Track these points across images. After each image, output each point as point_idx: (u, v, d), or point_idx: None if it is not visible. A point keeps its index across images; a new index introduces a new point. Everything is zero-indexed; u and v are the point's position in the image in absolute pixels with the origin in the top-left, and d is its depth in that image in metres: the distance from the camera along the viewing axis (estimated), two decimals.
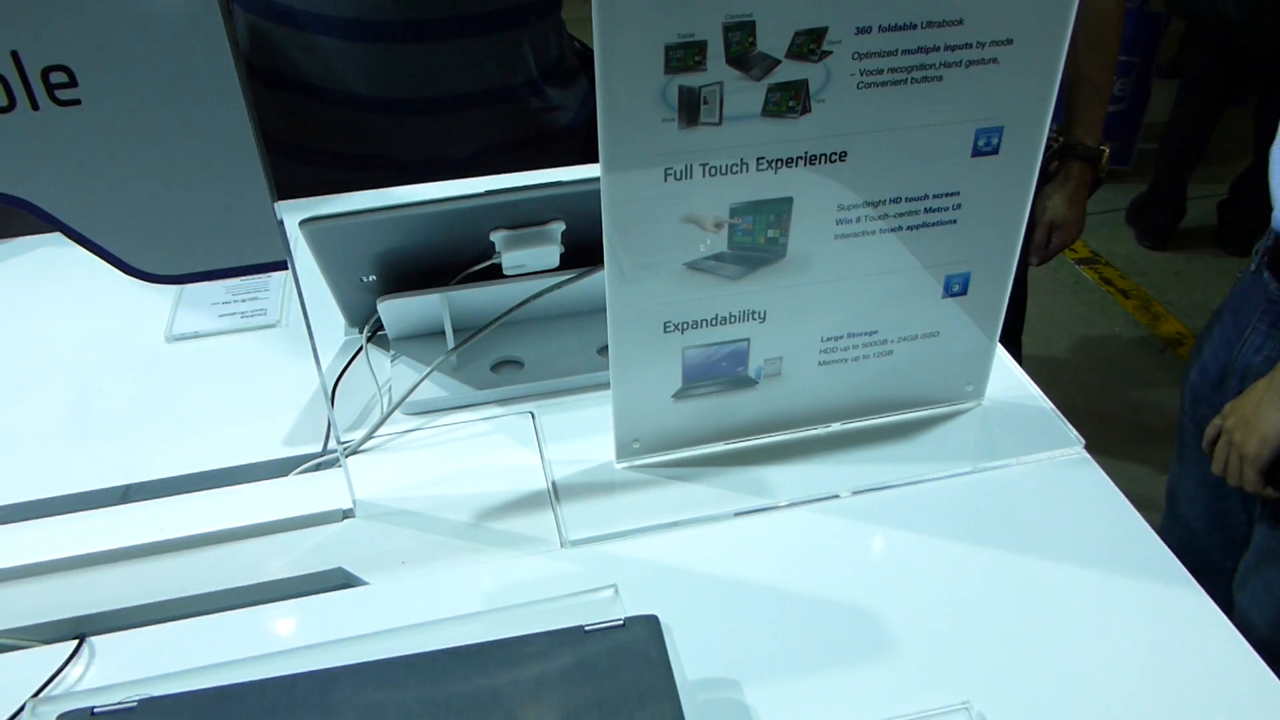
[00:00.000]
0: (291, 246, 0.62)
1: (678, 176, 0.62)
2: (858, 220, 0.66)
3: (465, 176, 1.17)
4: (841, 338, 0.72)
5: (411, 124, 1.16)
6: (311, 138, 1.18)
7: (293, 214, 0.67)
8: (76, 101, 0.53)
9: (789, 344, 0.71)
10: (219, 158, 0.57)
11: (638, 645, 0.57)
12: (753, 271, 0.67)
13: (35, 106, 0.53)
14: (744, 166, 0.62)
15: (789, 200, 0.64)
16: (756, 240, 0.65)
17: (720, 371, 0.71)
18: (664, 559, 0.68)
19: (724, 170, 0.62)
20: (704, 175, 0.62)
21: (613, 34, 0.56)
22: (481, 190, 0.73)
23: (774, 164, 0.63)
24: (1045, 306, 2.61)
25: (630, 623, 0.58)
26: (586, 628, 0.57)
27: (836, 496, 0.72)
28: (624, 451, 0.74)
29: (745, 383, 0.72)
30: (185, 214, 0.58)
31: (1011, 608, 0.64)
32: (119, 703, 0.54)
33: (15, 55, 0.51)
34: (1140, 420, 2.25)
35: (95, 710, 0.53)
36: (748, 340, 0.70)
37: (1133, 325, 2.60)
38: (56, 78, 0.52)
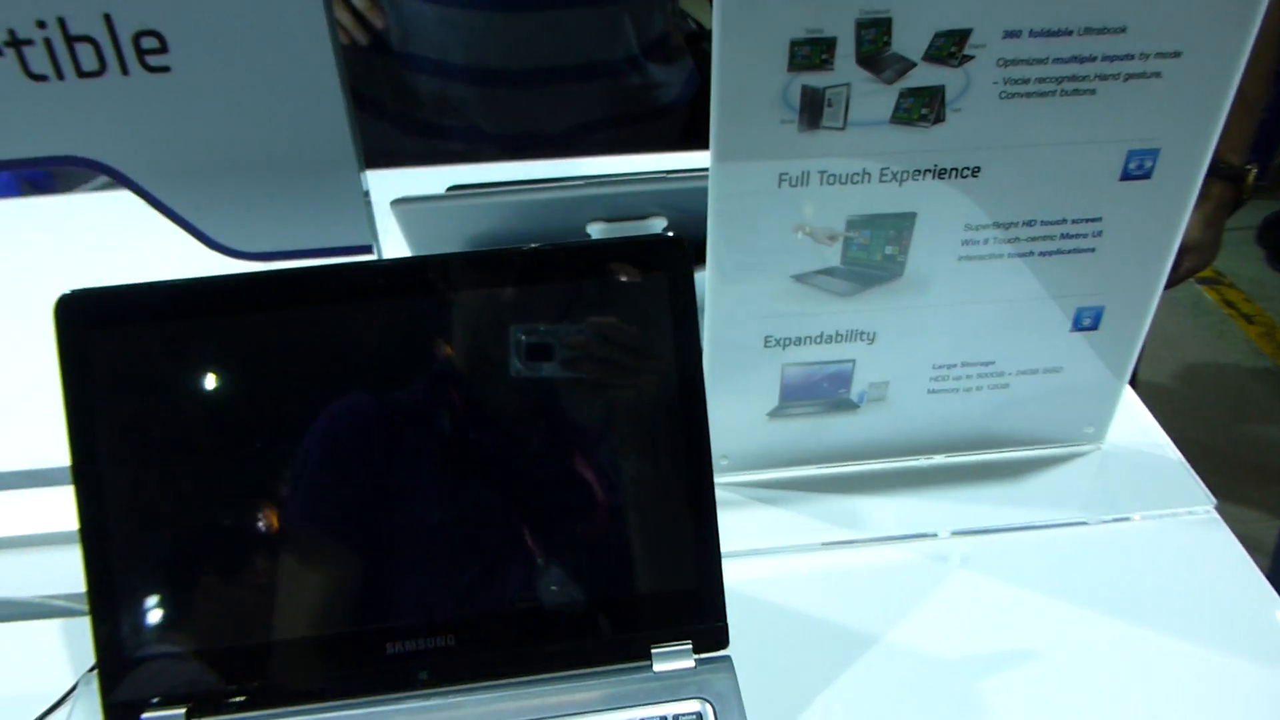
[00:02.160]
0: (378, 222, 0.59)
1: (793, 183, 0.57)
2: (985, 242, 0.60)
3: (561, 153, 1.13)
4: (955, 366, 0.66)
5: (506, 96, 1.13)
6: (403, 105, 1.16)
7: (383, 185, 0.64)
8: (166, 68, 0.51)
9: (897, 368, 0.66)
10: (310, 136, 0.55)
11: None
12: (865, 289, 0.62)
13: (125, 71, 0.51)
14: (866, 176, 0.57)
15: (912, 216, 0.59)
16: (872, 256, 0.60)
17: (821, 392, 0.66)
18: (743, 587, 0.63)
19: (844, 179, 0.57)
20: (821, 183, 0.57)
21: (734, 26, 0.51)
22: (580, 179, 0.70)
23: (899, 176, 0.57)
24: (1159, 326, 2.46)
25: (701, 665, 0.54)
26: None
27: (934, 535, 0.67)
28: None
29: (846, 406, 0.67)
30: (271, 190, 0.56)
31: (1119, 681, 0.58)
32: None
33: (108, 18, 0.49)
34: (1255, 459, 2.12)
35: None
36: (853, 362, 0.65)
37: (1255, 354, 2.45)
38: (147, 43, 0.50)
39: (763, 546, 0.66)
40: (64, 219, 1.05)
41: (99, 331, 0.51)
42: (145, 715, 0.52)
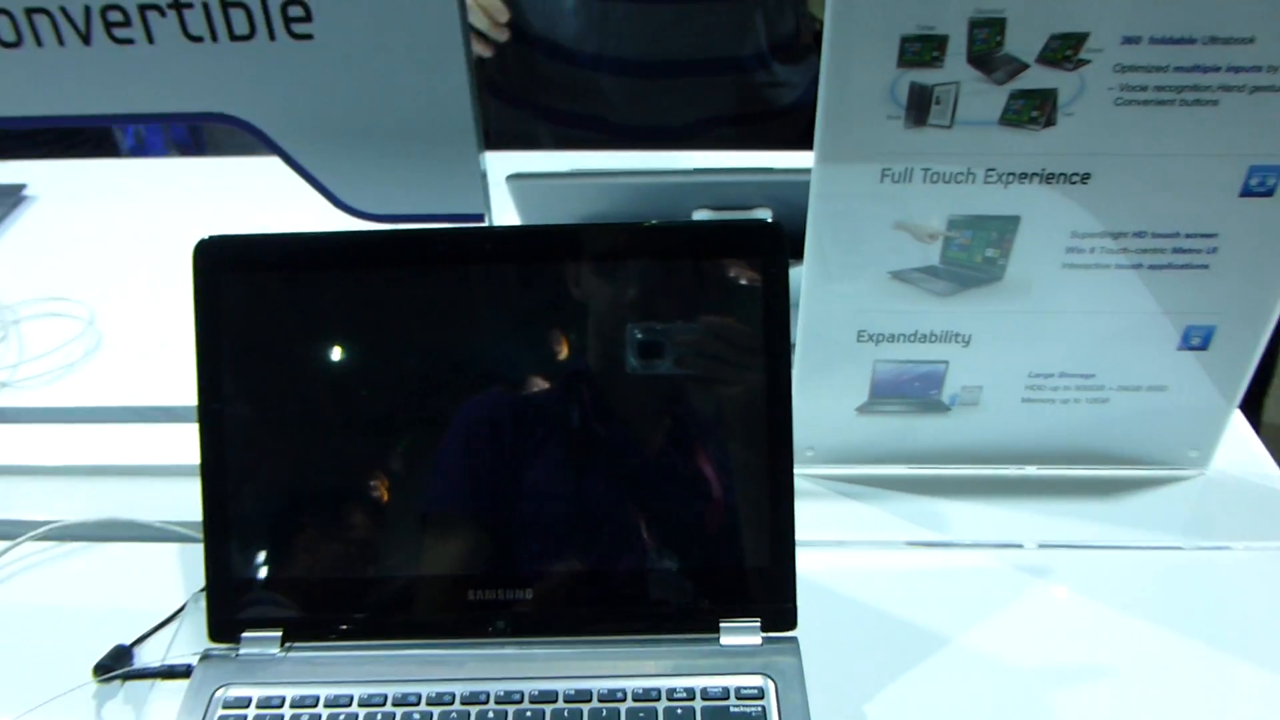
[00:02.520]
0: (493, 198, 0.62)
1: (895, 179, 0.57)
2: (1092, 251, 0.60)
3: (682, 146, 1.15)
4: (1052, 376, 0.65)
5: (635, 87, 1.16)
6: (532, 90, 1.20)
7: (503, 165, 0.68)
8: (309, 36, 0.55)
9: (992, 374, 0.65)
10: (434, 108, 0.58)
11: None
12: (963, 291, 0.62)
13: (272, 37, 0.55)
14: (970, 176, 0.57)
15: (1015, 219, 0.59)
16: (972, 258, 0.60)
17: (912, 391, 0.67)
18: (819, 577, 0.64)
19: (947, 178, 0.57)
20: (924, 181, 0.57)
21: (846, 18, 0.52)
22: (690, 167, 0.71)
23: (1004, 178, 0.57)
24: None
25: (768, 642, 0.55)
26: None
27: (1020, 546, 0.66)
28: (797, 458, 0.69)
29: (937, 407, 0.67)
30: (396, 157, 0.60)
31: (1203, 716, 0.56)
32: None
33: None
34: None
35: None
36: (946, 363, 0.65)
37: None
38: (294, 11, 0.54)
39: (843, 539, 0.66)
40: (209, 179, 1.12)
41: (232, 276, 0.55)
42: (245, 634, 0.56)
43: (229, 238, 0.55)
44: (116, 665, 0.57)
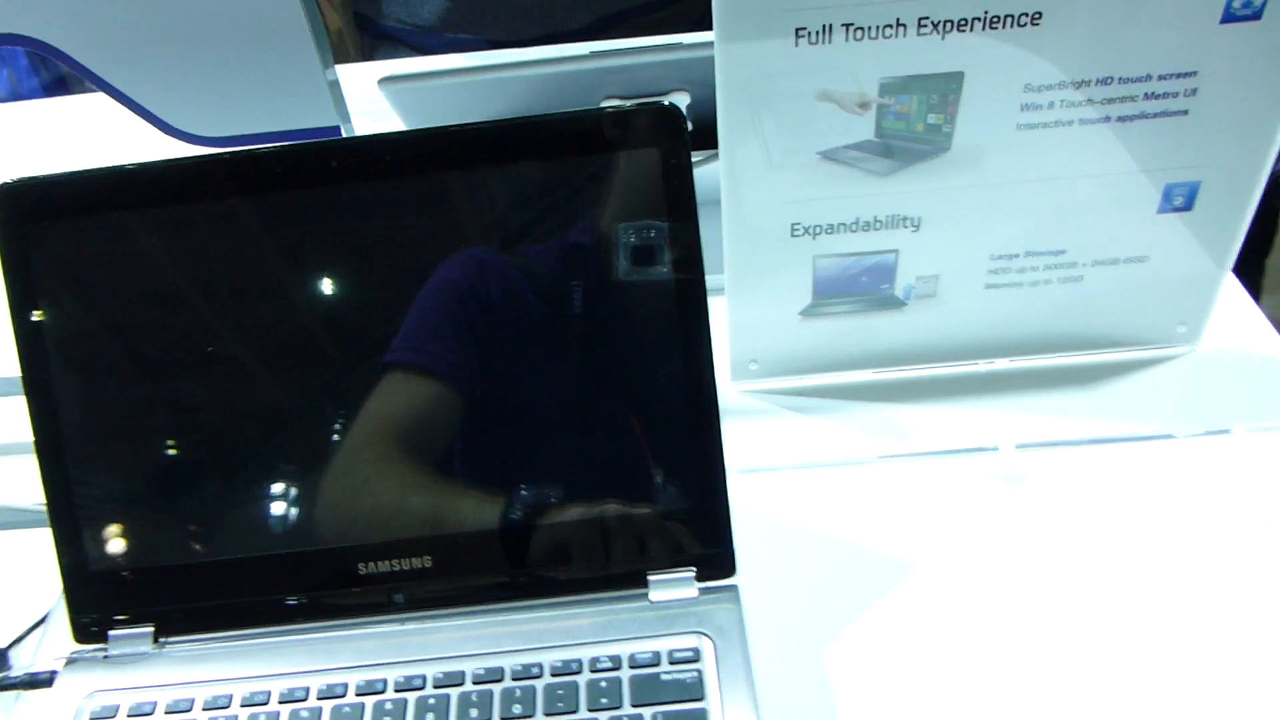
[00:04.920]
0: (370, 110, 0.54)
1: (812, 40, 0.48)
2: (1050, 106, 0.51)
3: None
4: (1017, 256, 0.57)
5: None
6: (397, 14, 1.08)
7: (380, 74, 0.59)
8: None
9: (949, 260, 0.57)
10: (260, 5, 0.48)
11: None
12: (906, 167, 0.53)
13: None
14: (901, 29, 0.48)
15: (959, 76, 0.50)
16: (913, 127, 0.52)
17: (860, 287, 0.59)
18: (769, 508, 0.57)
19: (874, 33, 0.48)
20: (847, 39, 0.48)
21: None
22: (589, 51, 0.62)
23: (941, 27, 0.48)
24: None
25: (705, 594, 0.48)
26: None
27: (995, 450, 0.59)
28: (739, 373, 0.63)
29: (891, 303, 0.59)
30: (226, 68, 0.50)
31: (1208, 615, 0.50)
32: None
33: None
34: None
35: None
36: (896, 252, 0.57)
37: None
38: None
39: (795, 462, 0.59)
40: (35, 122, 1.02)
41: (43, 224, 0.47)
42: (113, 633, 0.49)
43: (35, 180, 0.47)
44: None
